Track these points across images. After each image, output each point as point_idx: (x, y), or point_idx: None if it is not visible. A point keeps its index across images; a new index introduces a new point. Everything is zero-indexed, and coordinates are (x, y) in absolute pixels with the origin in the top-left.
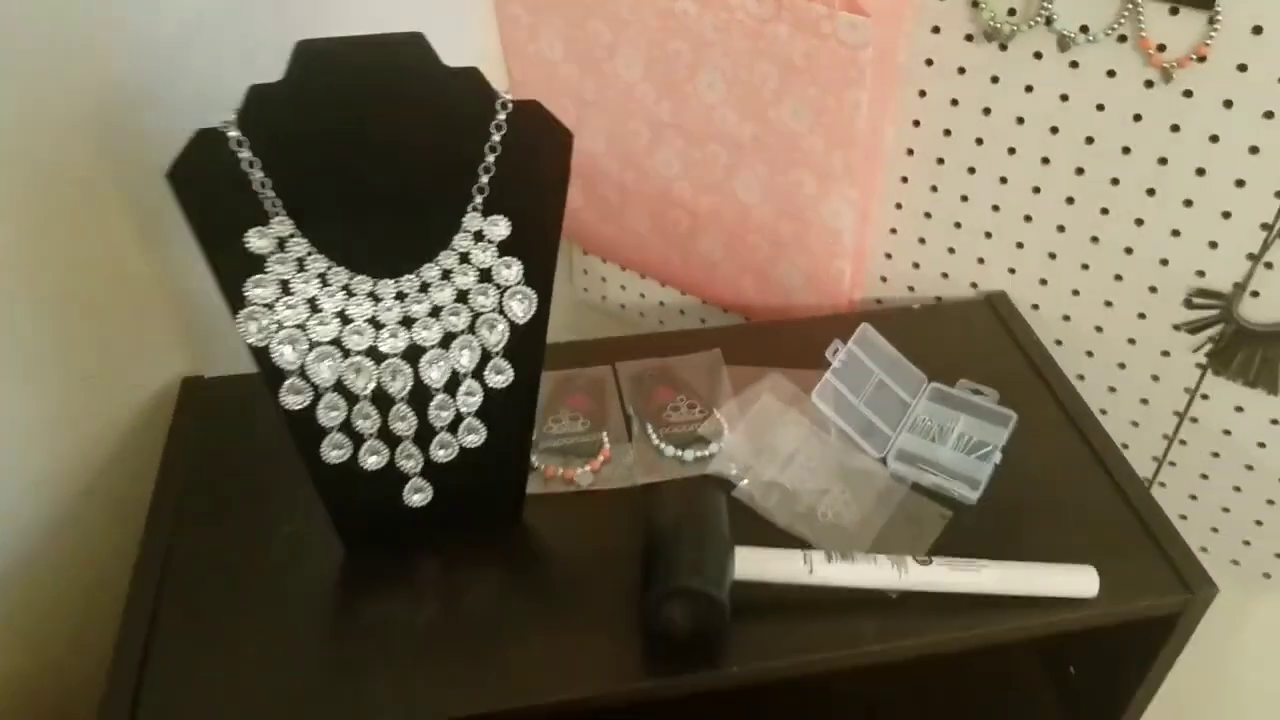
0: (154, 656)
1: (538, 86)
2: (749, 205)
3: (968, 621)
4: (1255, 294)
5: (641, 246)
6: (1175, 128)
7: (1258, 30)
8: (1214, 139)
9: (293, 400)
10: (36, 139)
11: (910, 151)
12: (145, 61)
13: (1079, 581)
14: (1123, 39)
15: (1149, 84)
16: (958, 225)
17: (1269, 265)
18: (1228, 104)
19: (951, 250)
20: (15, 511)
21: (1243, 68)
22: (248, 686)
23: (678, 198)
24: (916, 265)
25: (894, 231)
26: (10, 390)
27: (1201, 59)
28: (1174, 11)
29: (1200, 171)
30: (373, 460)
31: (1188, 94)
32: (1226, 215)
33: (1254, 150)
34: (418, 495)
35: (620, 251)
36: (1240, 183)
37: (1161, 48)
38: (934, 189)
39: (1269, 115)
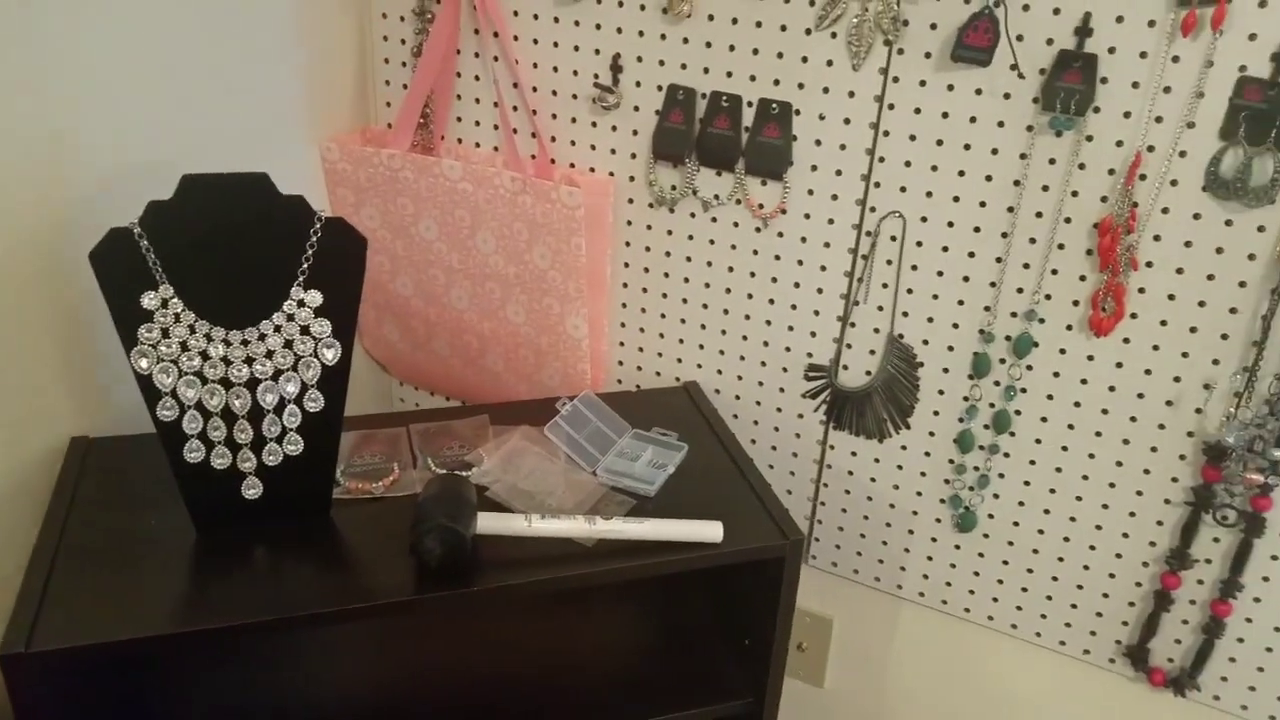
0: (50, 596)
1: None
2: (518, 326)
3: (639, 559)
4: (845, 367)
5: (445, 368)
6: (777, 256)
7: (810, 192)
8: (800, 262)
9: (165, 414)
10: None
11: (625, 284)
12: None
13: (710, 530)
14: (738, 201)
15: (758, 229)
16: (661, 335)
17: (849, 346)
18: (803, 239)
19: (660, 354)
20: None
21: (807, 215)
22: (122, 613)
23: (469, 325)
24: (639, 367)
25: (622, 344)
26: None
27: (784, 211)
28: (764, 182)
29: (796, 285)
30: (220, 462)
31: (780, 234)
32: (817, 313)
33: (823, 268)
34: (252, 490)
35: (429, 377)
36: (820, 290)
37: (761, 205)
38: (643, 310)
39: (827, 245)
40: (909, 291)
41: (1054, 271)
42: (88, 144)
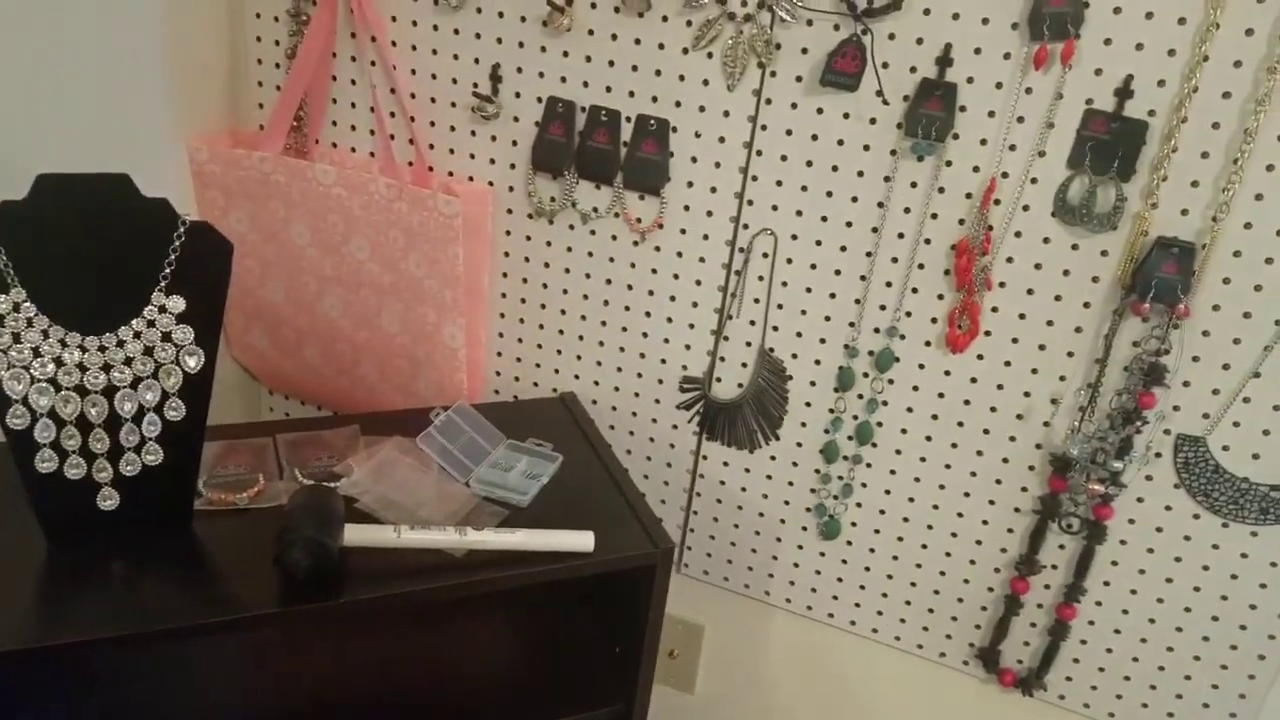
0: None
1: None
2: (393, 335)
3: (510, 570)
4: (719, 379)
5: (317, 377)
6: (654, 270)
7: (686, 208)
8: (675, 276)
9: (16, 422)
10: None
11: (504, 294)
12: None
13: (581, 539)
14: (617, 215)
15: (635, 243)
16: (539, 346)
17: (722, 359)
18: (679, 254)
19: (538, 365)
20: None
21: (683, 230)
22: None
23: (341, 333)
24: (517, 378)
25: (500, 354)
26: None
27: (661, 226)
28: (642, 197)
29: (672, 298)
30: (74, 472)
31: (657, 249)
32: (692, 326)
33: (698, 283)
34: (108, 502)
35: (300, 386)
36: (695, 304)
37: (639, 220)
38: (521, 321)
39: (702, 260)
40: (779, 307)
41: (914, 290)
42: None
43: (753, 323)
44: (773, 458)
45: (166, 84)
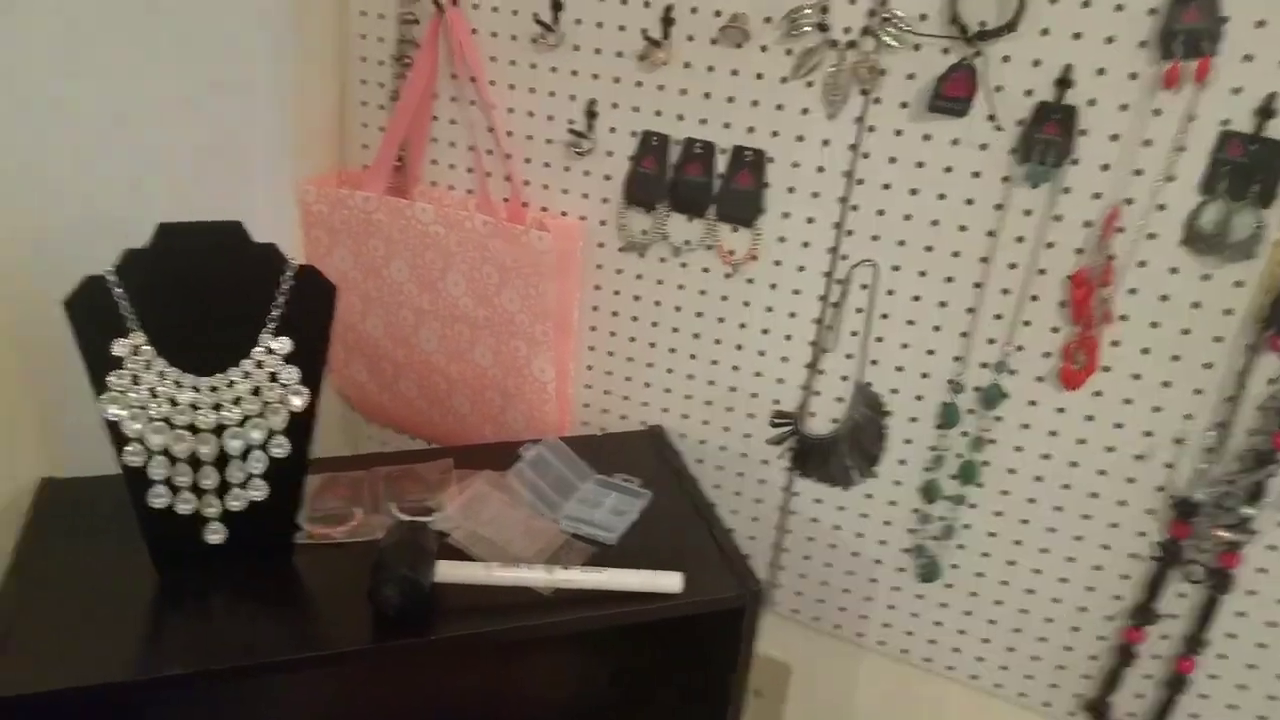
0: (11, 642)
1: None
2: (485, 368)
3: (597, 610)
4: (812, 414)
5: (411, 409)
6: (746, 303)
7: (782, 239)
8: (769, 309)
9: (132, 459)
10: None
11: (593, 327)
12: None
13: (669, 580)
14: (709, 247)
15: (728, 275)
16: (628, 379)
17: (816, 393)
18: (773, 286)
19: (626, 397)
20: None
21: (778, 262)
22: (82, 659)
23: (436, 366)
24: (605, 410)
25: (589, 387)
26: None
27: (754, 258)
28: (735, 229)
29: (765, 331)
30: (184, 507)
31: (750, 281)
32: (785, 360)
33: (792, 315)
34: (216, 536)
35: (396, 417)
36: (789, 337)
37: (732, 252)
38: (610, 353)
39: (797, 292)
40: (878, 340)
41: (1026, 323)
42: (58, 186)
43: (849, 356)
44: (869, 496)
45: (280, 128)
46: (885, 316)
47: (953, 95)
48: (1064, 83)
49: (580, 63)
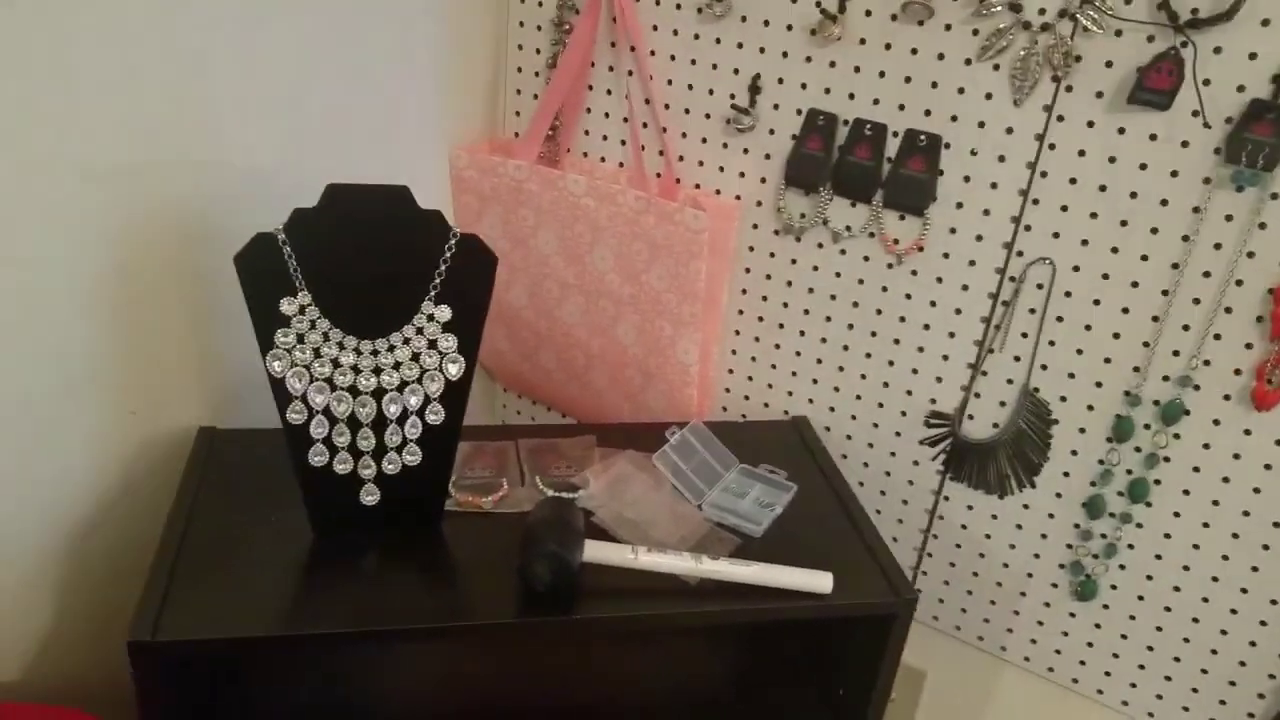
0: (174, 588)
1: None
2: (626, 346)
3: (744, 604)
4: (970, 416)
5: (549, 381)
6: (908, 295)
7: (953, 231)
8: (932, 303)
9: (294, 417)
10: (122, 249)
11: (741, 311)
12: (211, 199)
13: (819, 580)
14: (872, 235)
15: (890, 265)
16: (773, 366)
17: (977, 395)
18: (939, 279)
19: (770, 385)
20: (71, 505)
21: (946, 255)
22: (237, 610)
23: (577, 340)
24: (746, 396)
25: (731, 371)
26: (81, 415)
27: (920, 249)
28: (902, 217)
29: (926, 326)
30: (341, 467)
31: (914, 272)
32: (945, 358)
33: (958, 311)
34: (370, 497)
35: (533, 387)
36: (952, 334)
37: (896, 241)
38: (756, 339)
39: (965, 287)
40: (1050, 343)
41: (1217, 336)
42: (230, 144)
43: (1017, 359)
44: (1025, 506)
45: (436, 92)
46: (1060, 319)
47: (1156, 87)
48: None
49: (747, 35)
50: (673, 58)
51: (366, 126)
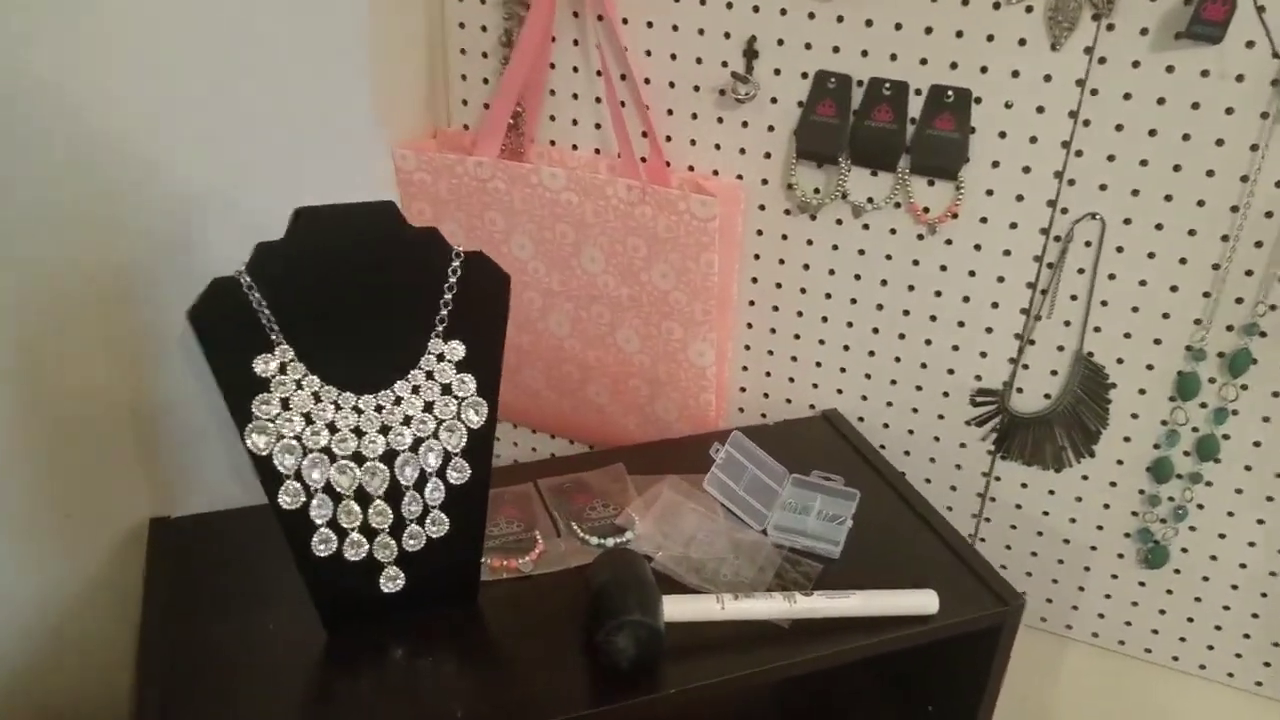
0: (177, 697)
1: None
2: (629, 354)
3: (843, 640)
4: (1020, 390)
5: (536, 401)
6: (944, 267)
7: (990, 193)
8: (971, 273)
9: (288, 501)
10: (37, 307)
11: (752, 302)
12: (143, 249)
13: (925, 601)
14: (898, 205)
15: (920, 236)
16: (794, 359)
17: (1026, 366)
18: (977, 247)
19: (791, 379)
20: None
21: (984, 220)
22: None
23: (568, 353)
24: (766, 395)
25: (745, 369)
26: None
27: (955, 215)
28: (931, 183)
29: (966, 299)
30: (353, 553)
31: (949, 242)
32: (989, 330)
33: (1000, 279)
34: (391, 582)
35: (516, 409)
36: (995, 304)
37: (926, 210)
38: (773, 331)
39: (1007, 253)
40: (1103, 304)
41: None
42: (137, 174)
43: (1068, 324)
44: (1084, 477)
45: (366, 84)
46: (1112, 277)
47: (1211, 19)
48: None
49: None
50: (650, 25)
51: (288, 133)
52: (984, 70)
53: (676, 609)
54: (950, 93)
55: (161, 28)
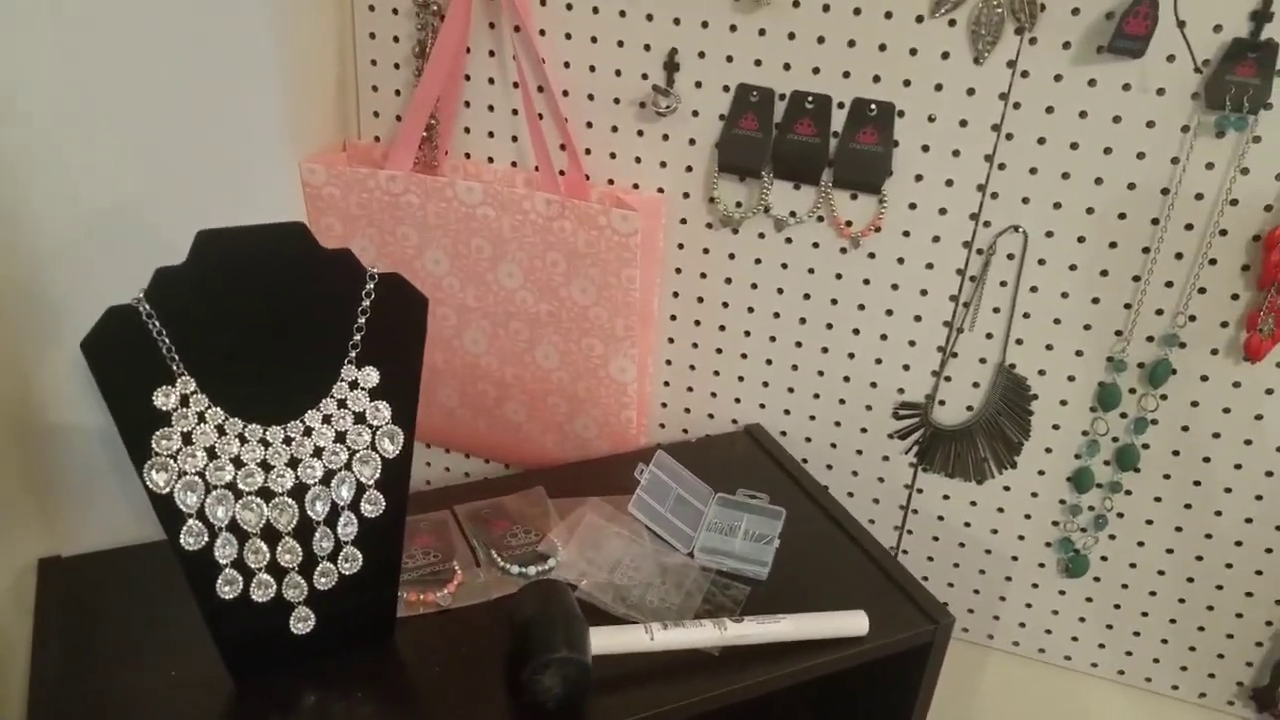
0: None
1: None
2: (548, 370)
3: (774, 666)
4: (942, 402)
5: (451, 420)
6: (867, 281)
7: (913, 206)
8: (894, 287)
9: (190, 541)
10: None
11: (674, 317)
12: (41, 270)
13: (855, 622)
14: (821, 219)
15: (843, 250)
16: (716, 373)
17: (948, 379)
18: (900, 260)
19: (714, 394)
20: None
21: (907, 233)
22: None
23: (485, 371)
24: (688, 410)
25: (667, 384)
26: None
27: (878, 229)
28: (854, 196)
29: (889, 312)
30: (261, 593)
31: (872, 255)
32: (912, 343)
33: (924, 292)
34: (302, 623)
35: (430, 429)
36: (918, 317)
37: (849, 223)
38: (695, 345)
39: (930, 266)
40: (1025, 316)
41: (1201, 290)
42: (38, 190)
43: (990, 336)
44: (1006, 488)
45: (276, 95)
46: (1034, 290)
47: (1134, 33)
48: (1262, 15)
49: (657, 4)
50: (568, 36)
51: (190, 146)
52: (907, 84)
53: (604, 642)
54: (873, 106)
55: (62, 38)
